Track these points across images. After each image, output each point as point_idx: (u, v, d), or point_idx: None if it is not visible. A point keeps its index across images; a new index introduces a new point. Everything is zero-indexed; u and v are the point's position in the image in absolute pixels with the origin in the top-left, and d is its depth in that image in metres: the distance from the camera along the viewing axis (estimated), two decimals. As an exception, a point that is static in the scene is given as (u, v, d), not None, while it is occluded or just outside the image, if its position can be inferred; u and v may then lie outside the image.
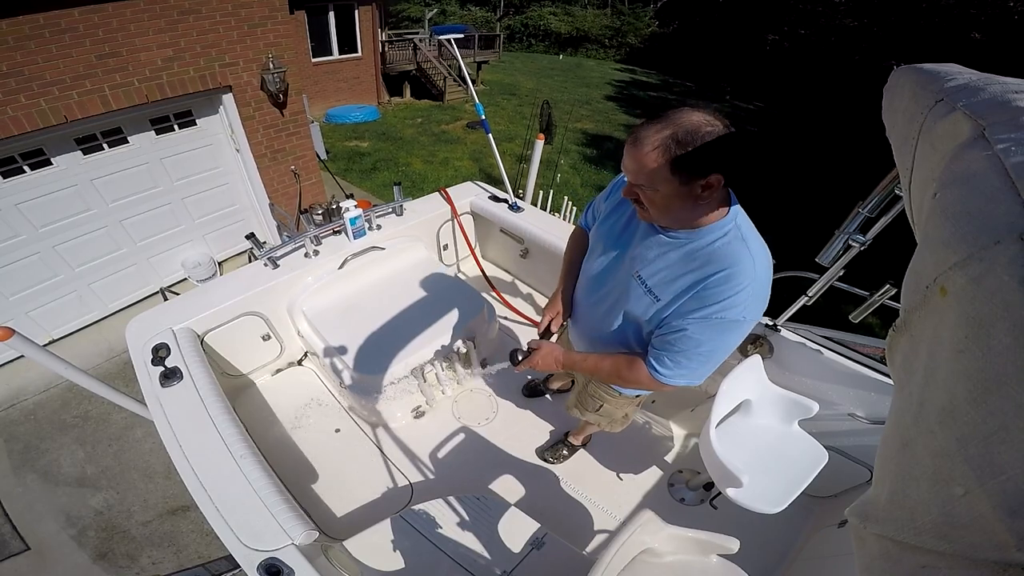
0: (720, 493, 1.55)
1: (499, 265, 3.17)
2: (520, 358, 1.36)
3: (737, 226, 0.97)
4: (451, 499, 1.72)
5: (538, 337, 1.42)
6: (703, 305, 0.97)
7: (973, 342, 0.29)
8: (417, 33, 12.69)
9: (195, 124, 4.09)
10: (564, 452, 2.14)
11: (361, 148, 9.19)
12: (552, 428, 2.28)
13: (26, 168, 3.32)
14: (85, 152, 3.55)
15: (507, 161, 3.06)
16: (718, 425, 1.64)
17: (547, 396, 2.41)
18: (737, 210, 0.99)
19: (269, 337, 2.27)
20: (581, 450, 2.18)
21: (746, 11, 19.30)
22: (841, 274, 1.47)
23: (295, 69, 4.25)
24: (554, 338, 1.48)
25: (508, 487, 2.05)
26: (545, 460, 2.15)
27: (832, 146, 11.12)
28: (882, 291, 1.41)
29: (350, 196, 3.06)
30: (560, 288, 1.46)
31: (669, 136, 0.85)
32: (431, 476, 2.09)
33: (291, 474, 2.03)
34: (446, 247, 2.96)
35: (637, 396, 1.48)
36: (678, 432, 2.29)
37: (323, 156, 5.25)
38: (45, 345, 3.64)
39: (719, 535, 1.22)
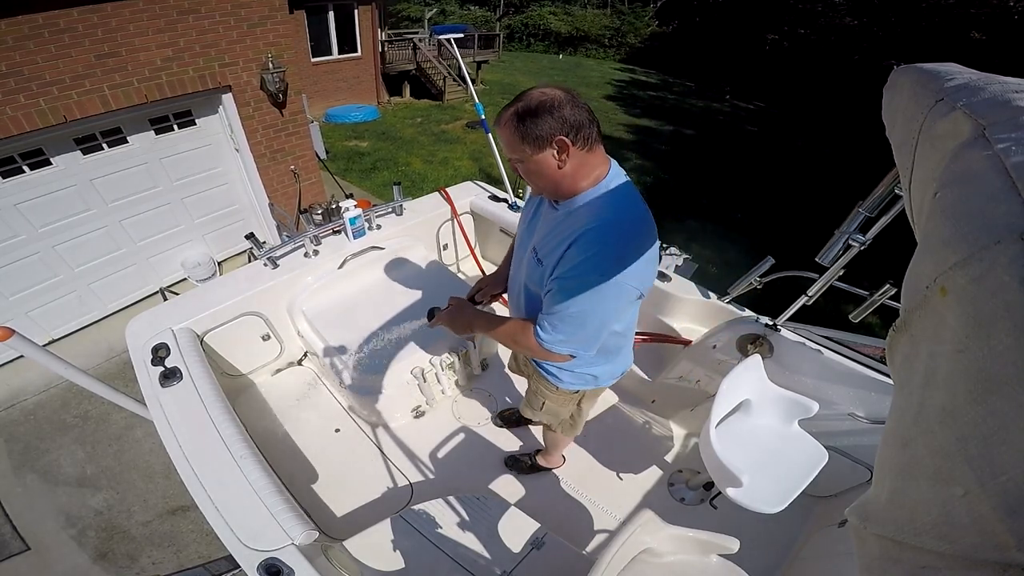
0: (720, 493, 1.55)
1: (499, 265, 3.16)
2: (435, 316, 1.42)
3: (609, 190, 1.02)
4: (451, 499, 1.72)
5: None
6: (569, 265, 1.01)
7: (973, 342, 0.29)
8: (417, 33, 12.68)
9: (194, 124, 4.08)
10: (528, 462, 2.10)
11: (361, 148, 9.18)
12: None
13: (25, 168, 3.32)
14: (84, 152, 3.55)
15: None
16: (718, 425, 1.64)
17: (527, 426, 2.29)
18: (614, 175, 1.04)
19: (269, 337, 2.27)
20: (581, 450, 2.18)
21: (746, 11, 19.28)
22: (841, 274, 1.47)
23: (294, 69, 4.25)
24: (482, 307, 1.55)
25: (508, 487, 2.05)
26: (507, 465, 2.11)
27: (832, 146, 11.12)
28: (882, 291, 1.41)
29: (350, 196, 3.06)
30: (500, 267, 1.61)
31: (514, 112, 0.96)
32: (431, 476, 2.09)
33: (291, 474, 2.03)
34: (446, 247, 2.96)
35: (576, 392, 1.44)
36: (678, 432, 2.28)
37: (323, 156, 5.25)
38: (45, 345, 3.64)
39: (719, 535, 1.22)
